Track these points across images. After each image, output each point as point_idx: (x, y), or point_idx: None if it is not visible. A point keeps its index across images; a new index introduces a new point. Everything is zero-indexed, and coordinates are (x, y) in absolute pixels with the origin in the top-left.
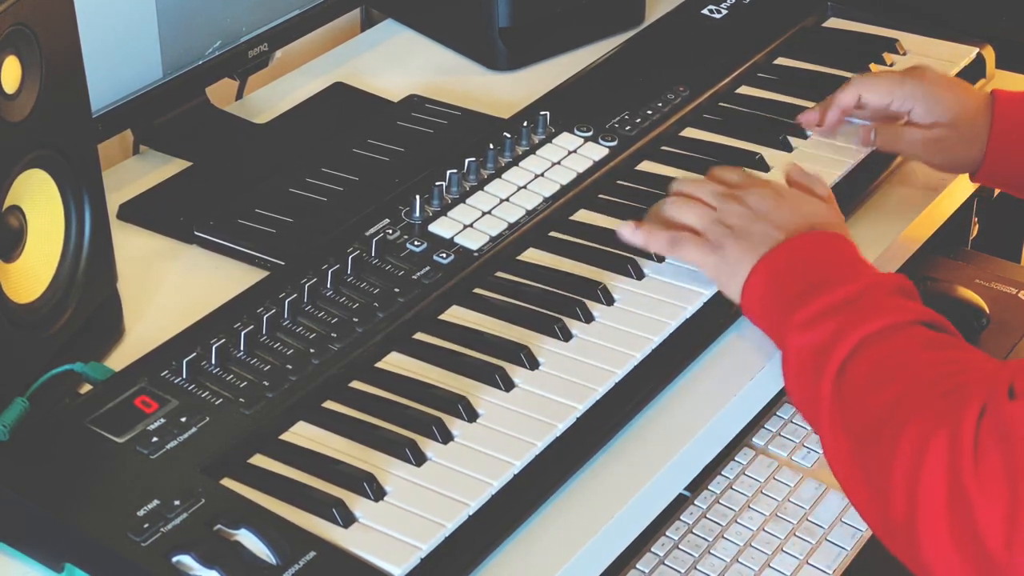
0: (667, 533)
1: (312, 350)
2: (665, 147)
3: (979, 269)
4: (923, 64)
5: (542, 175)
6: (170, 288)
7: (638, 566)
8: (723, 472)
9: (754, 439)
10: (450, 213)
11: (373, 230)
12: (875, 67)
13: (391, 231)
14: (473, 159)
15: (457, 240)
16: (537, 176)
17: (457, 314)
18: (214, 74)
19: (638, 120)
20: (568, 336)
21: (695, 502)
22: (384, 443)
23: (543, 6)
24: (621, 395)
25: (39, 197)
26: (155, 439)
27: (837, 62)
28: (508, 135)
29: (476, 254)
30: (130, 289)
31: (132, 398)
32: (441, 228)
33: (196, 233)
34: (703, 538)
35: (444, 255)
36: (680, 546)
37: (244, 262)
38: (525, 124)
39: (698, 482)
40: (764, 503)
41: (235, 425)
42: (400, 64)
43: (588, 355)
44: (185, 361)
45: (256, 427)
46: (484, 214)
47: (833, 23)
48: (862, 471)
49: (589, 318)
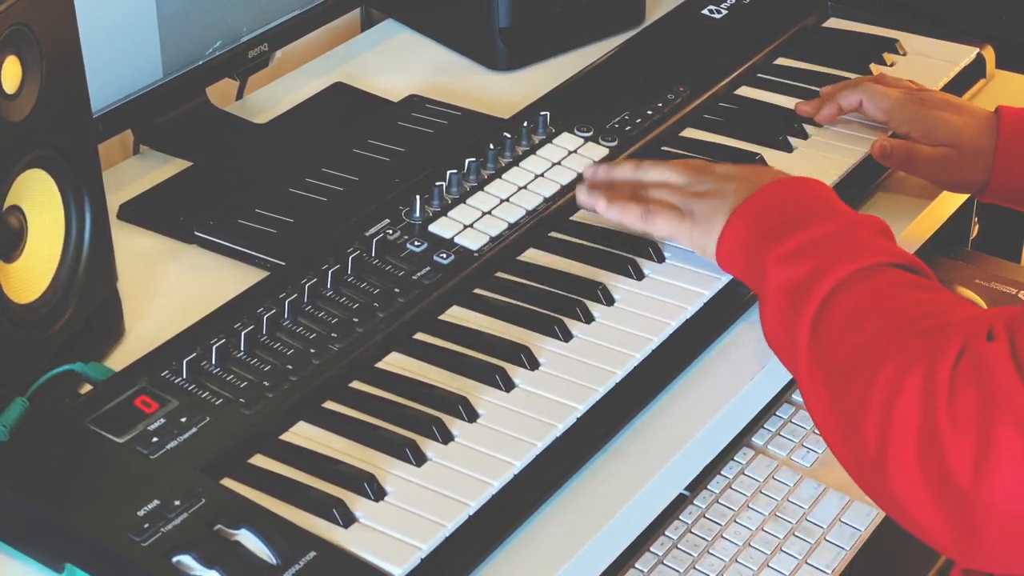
0: (666, 533)
1: (312, 350)
2: (665, 147)
3: (979, 269)
4: (926, 87)
5: (542, 175)
6: (170, 288)
7: (637, 565)
8: (722, 472)
9: (753, 439)
10: (450, 213)
11: (373, 230)
12: (876, 68)
13: (391, 231)
14: (473, 159)
15: (457, 240)
16: (537, 176)
17: (457, 314)
18: (214, 74)
19: (638, 120)
20: (568, 336)
21: (694, 502)
22: (384, 443)
23: (543, 6)
24: (621, 395)
25: (39, 197)
26: (155, 439)
27: (837, 62)
28: (508, 135)
29: (476, 254)
30: (130, 289)
31: (132, 398)
32: (441, 228)
33: (196, 233)
34: (702, 538)
35: (444, 255)
36: (679, 546)
37: (244, 262)
38: (525, 124)
39: (697, 482)
40: (763, 503)
41: (235, 425)
42: (400, 64)
43: (588, 355)
44: (185, 361)
45: (256, 427)
46: (484, 214)
47: (833, 23)
48: (836, 408)
49: (589, 318)
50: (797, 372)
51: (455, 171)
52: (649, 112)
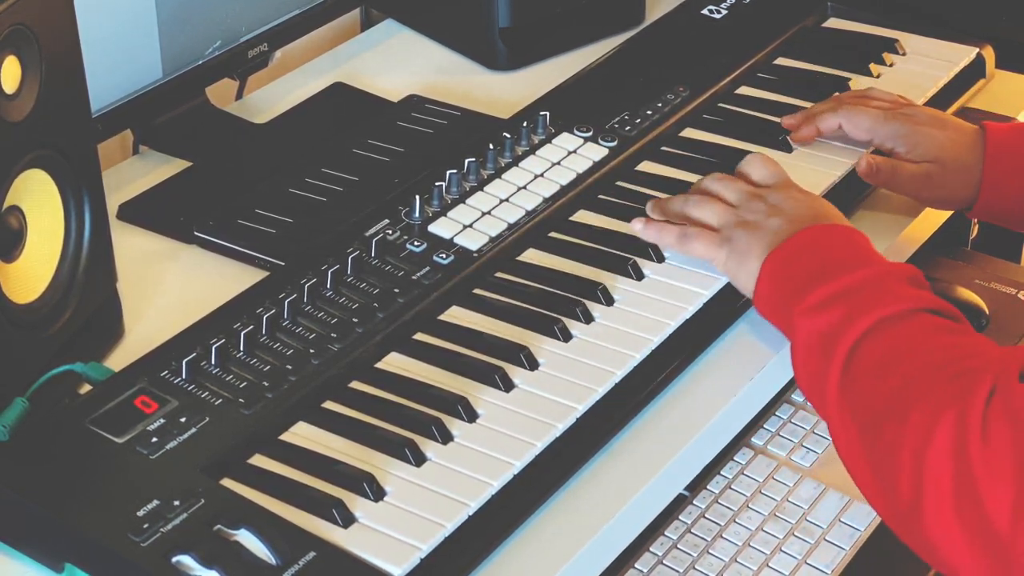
0: (666, 533)
1: (312, 350)
2: (665, 147)
3: (979, 269)
4: (909, 103)
5: (542, 175)
6: (170, 288)
7: (637, 566)
8: (722, 472)
9: (753, 439)
10: (450, 213)
11: (373, 230)
12: (876, 68)
13: (391, 231)
14: (473, 159)
15: (457, 240)
16: (537, 176)
17: (457, 314)
18: (214, 74)
19: (638, 120)
20: (568, 336)
21: (694, 502)
22: (384, 443)
23: (543, 6)
24: (621, 395)
25: (39, 197)
26: (155, 439)
27: (837, 62)
28: (508, 135)
29: (476, 254)
30: (130, 289)
31: (132, 398)
32: (441, 228)
33: (196, 233)
34: (702, 538)
35: (444, 255)
36: (679, 546)
37: (244, 262)
38: (525, 124)
39: (697, 482)
40: (763, 503)
41: (235, 425)
42: (400, 64)
43: (588, 355)
44: (185, 361)
45: (256, 427)
46: (484, 214)
47: (833, 23)
48: (869, 455)
49: (589, 318)
50: (827, 416)
51: (455, 171)
52: (649, 112)
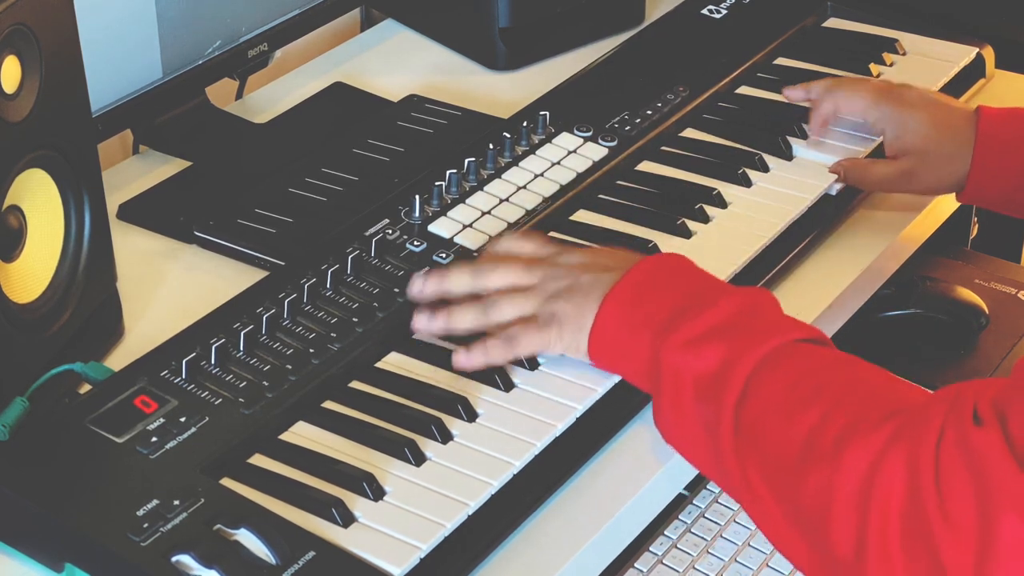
0: (665, 532)
1: (312, 350)
2: (665, 147)
3: (979, 269)
4: (905, 84)
5: (542, 175)
6: (170, 288)
7: (636, 565)
8: None
9: None
10: (450, 213)
11: (373, 230)
12: (875, 68)
13: (391, 231)
14: (473, 159)
15: (457, 240)
16: (537, 176)
17: None
18: (214, 74)
19: (638, 120)
20: None
21: (693, 501)
22: (384, 443)
23: (543, 6)
24: (620, 395)
25: (39, 197)
26: (155, 439)
27: (837, 62)
28: (508, 135)
29: (476, 254)
30: (130, 289)
31: (132, 398)
32: (441, 228)
33: (196, 233)
34: (702, 537)
35: (444, 255)
36: (679, 545)
37: (244, 262)
38: (525, 124)
39: (697, 481)
40: None
41: (235, 425)
42: (400, 64)
43: None
44: (185, 361)
45: (256, 427)
46: (484, 214)
47: (833, 23)
48: (790, 510)
49: None
50: (722, 473)
51: (455, 171)
52: (649, 112)
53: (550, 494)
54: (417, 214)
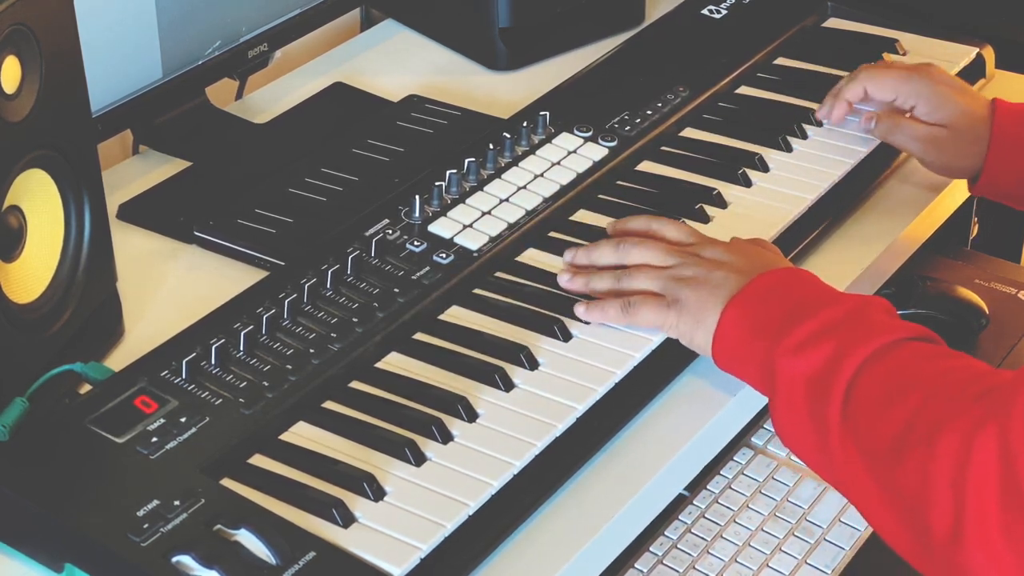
0: (666, 533)
1: (312, 350)
2: (665, 147)
3: (979, 269)
4: (930, 63)
5: (542, 175)
6: (170, 288)
7: (636, 566)
8: (722, 472)
9: (753, 439)
10: (450, 213)
11: (373, 230)
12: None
13: (391, 231)
14: (473, 159)
15: (457, 240)
16: (537, 176)
17: (457, 314)
18: (214, 74)
19: (638, 120)
20: (568, 336)
21: (694, 502)
22: (384, 443)
23: (543, 6)
24: (621, 395)
25: (39, 197)
26: (155, 439)
27: (837, 62)
28: (508, 135)
29: (476, 254)
30: (130, 289)
31: (132, 398)
32: (441, 228)
33: (196, 233)
34: (702, 538)
35: (444, 255)
36: (679, 546)
37: (244, 262)
38: (525, 124)
39: (697, 482)
40: (763, 503)
41: (235, 425)
42: (400, 64)
43: (588, 355)
44: (185, 361)
45: (256, 427)
46: (484, 214)
47: (833, 23)
48: (885, 491)
49: None
50: (829, 463)
51: (455, 171)
52: (649, 112)
53: (550, 494)
54: (417, 214)
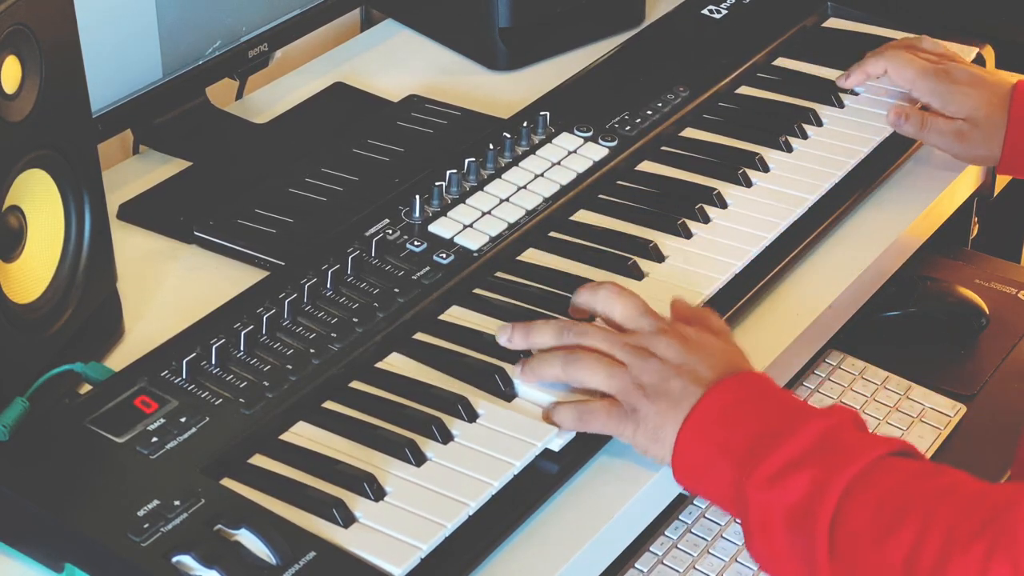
0: (666, 533)
1: (312, 350)
2: (665, 147)
3: (979, 269)
4: (955, 60)
5: (542, 175)
6: (170, 288)
7: (637, 566)
8: None
9: None
10: (450, 213)
11: (373, 230)
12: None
13: (391, 231)
14: (473, 159)
15: (457, 240)
16: (537, 176)
17: (457, 314)
18: (214, 74)
19: (638, 120)
20: None
21: (694, 502)
22: (384, 443)
23: (543, 6)
24: None
25: (39, 197)
26: (155, 439)
27: (837, 62)
28: (508, 135)
29: (476, 254)
30: (130, 289)
31: (132, 398)
32: (441, 228)
33: (196, 233)
34: (702, 538)
35: (444, 255)
36: (679, 546)
37: (244, 262)
38: (525, 124)
39: None
40: None
41: (235, 425)
42: (400, 64)
43: None
44: (185, 361)
45: (256, 427)
46: (484, 214)
47: (833, 23)
48: None
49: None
50: None
51: (455, 171)
52: (649, 112)
53: (550, 494)
54: (417, 214)
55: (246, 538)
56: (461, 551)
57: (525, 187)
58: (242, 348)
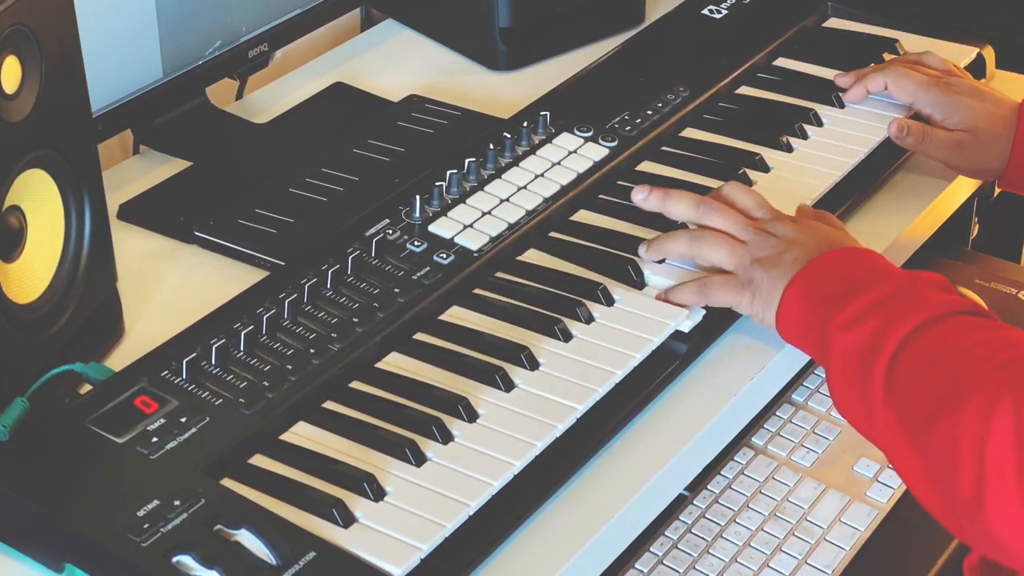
0: (666, 533)
1: (312, 350)
2: (665, 147)
3: (979, 269)
4: (957, 73)
5: (542, 175)
6: (170, 288)
7: (637, 566)
8: (722, 472)
9: (753, 439)
10: (450, 213)
11: (373, 230)
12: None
13: (391, 231)
14: (473, 159)
15: (457, 240)
16: (537, 176)
17: (457, 314)
18: (214, 74)
19: (638, 120)
20: (568, 336)
21: (694, 502)
22: (384, 443)
23: (543, 6)
24: (621, 395)
25: (39, 197)
26: (155, 439)
27: (837, 62)
28: (508, 135)
29: (476, 254)
30: (130, 289)
31: (132, 398)
32: (441, 228)
33: (196, 233)
34: (702, 538)
35: (444, 255)
36: (679, 546)
37: (244, 262)
38: (525, 124)
39: (697, 482)
40: (763, 503)
41: (235, 425)
42: (400, 64)
43: (588, 355)
44: (185, 361)
45: (256, 427)
46: (484, 214)
47: (833, 23)
48: (921, 455)
49: (589, 319)
50: (872, 428)
51: (455, 171)
52: (649, 112)
53: (550, 494)
54: (417, 214)
55: (246, 538)
56: (461, 551)
57: (525, 187)
58: (242, 348)
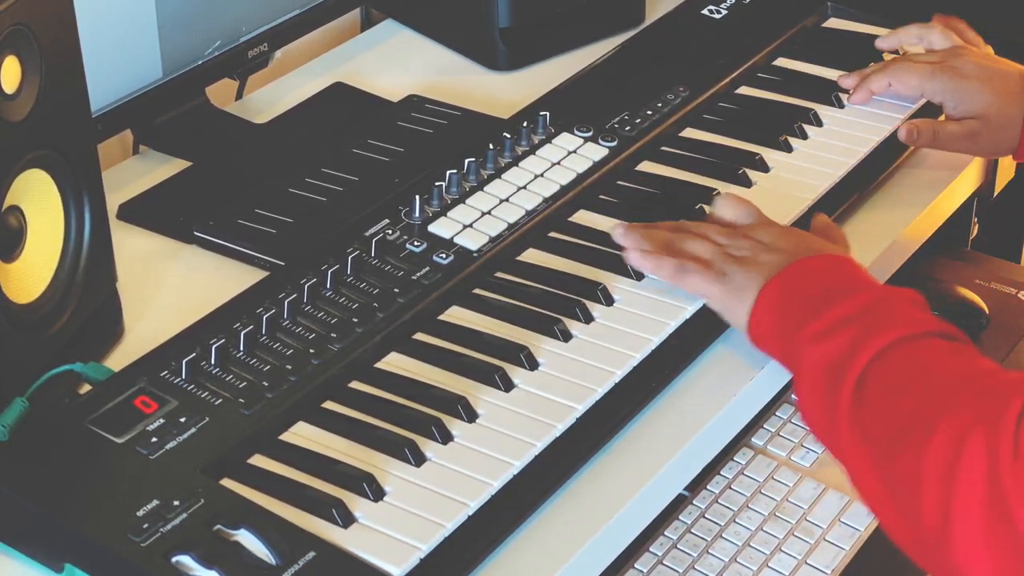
0: (665, 533)
1: (312, 350)
2: (665, 147)
3: (979, 269)
4: (961, 50)
5: (542, 175)
6: (170, 288)
7: (636, 566)
8: (722, 472)
9: (753, 439)
10: (450, 213)
11: (373, 230)
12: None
13: (391, 231)
14: (473, 159)
15: (457, 240)
16: (537, 176)
17: (457, 314)
18: (214, 74)
19: (638, 120)
20: (568, 336)
21: (694, 502)
22: (384, 443)
23: (543, 6)
24: (621, 395)
25: (39, 197)
26: (155, 439)
27: (837, 62)
28: (508, 135)
29: (476, 254)
30: (130, 289)
31: (132, 398)
32: (441, 228)
33: (196, 233)
34: (702, 538)
35: (444, 255)
36: (679, 546)
37: (244, 262)
38: (525, 124)
39: (697, 482)
40: (763, 503)
41: (235, 425)
42: (400, 64)
43: (588, 355)
44: (185, 361)
45: (256, 427)
46: (484, 214)
47: (833, 23)
48: (886, 481)
49: (589, 318)
50: (838, 447)
51: (455, 171)
52: (649, 112)
53: (550, 494)
54: (417, 214)
55: (246, 538)
56: (461, 551)
57: (525, 187)
58: (242, 348)
